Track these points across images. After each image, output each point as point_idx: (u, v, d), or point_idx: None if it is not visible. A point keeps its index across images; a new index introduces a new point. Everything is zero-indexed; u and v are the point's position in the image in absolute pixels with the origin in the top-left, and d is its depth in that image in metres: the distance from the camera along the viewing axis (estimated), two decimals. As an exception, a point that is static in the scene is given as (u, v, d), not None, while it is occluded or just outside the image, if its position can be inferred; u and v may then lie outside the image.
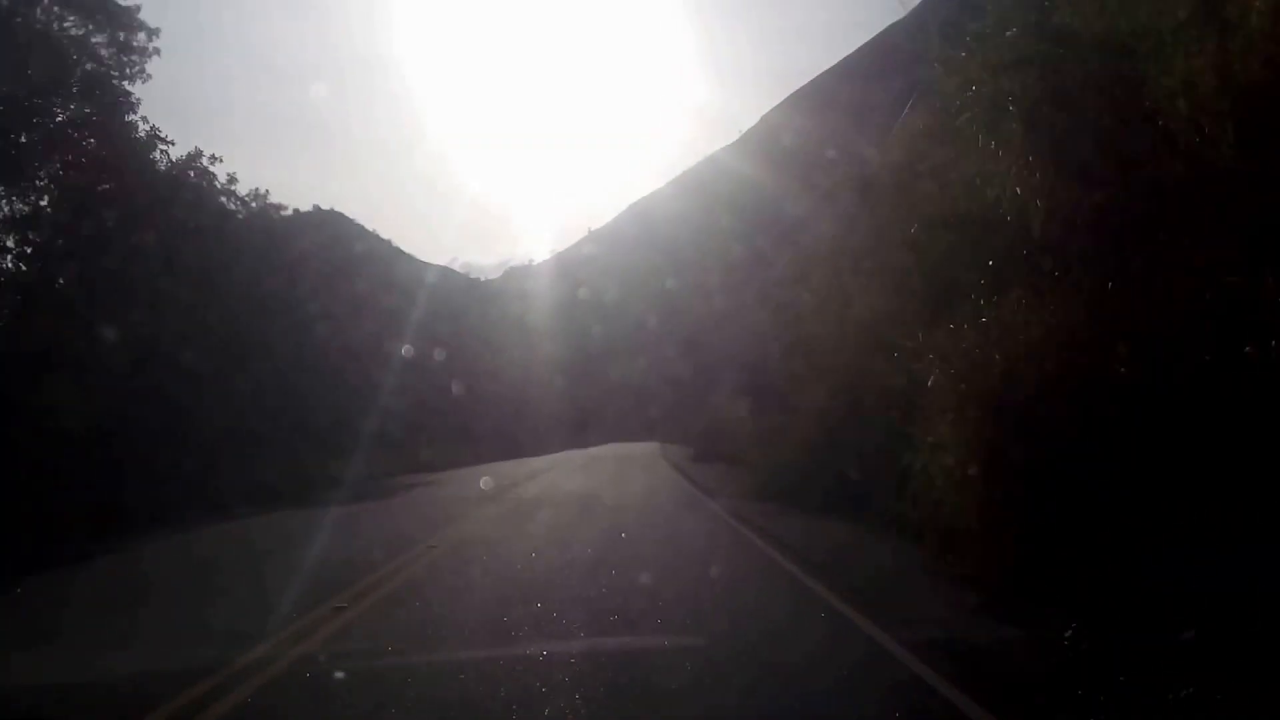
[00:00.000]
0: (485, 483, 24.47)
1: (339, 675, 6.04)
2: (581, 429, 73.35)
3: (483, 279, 76.43)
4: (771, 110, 79.92)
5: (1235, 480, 5.94)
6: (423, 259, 63.45)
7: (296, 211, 48.27)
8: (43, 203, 21.43)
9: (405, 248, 62.51)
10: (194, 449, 21.92)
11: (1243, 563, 5.46)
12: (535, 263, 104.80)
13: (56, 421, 19.47)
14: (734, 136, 78.67)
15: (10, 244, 20.99)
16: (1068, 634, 5.86)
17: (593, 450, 52.65)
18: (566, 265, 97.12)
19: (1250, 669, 4.83)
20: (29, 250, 21.14)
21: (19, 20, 20.73)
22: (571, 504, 18.18)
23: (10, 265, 21.35)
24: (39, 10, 21.23)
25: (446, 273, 63.02)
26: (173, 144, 24.53)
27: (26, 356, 19.53)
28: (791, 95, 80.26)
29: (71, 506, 17.05)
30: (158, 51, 23.24)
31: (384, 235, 58.85)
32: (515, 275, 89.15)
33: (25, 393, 19.18)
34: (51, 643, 7.60)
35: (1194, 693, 4.61)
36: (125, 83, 22.73)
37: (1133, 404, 6.70)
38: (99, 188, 20.88)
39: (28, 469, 18.22)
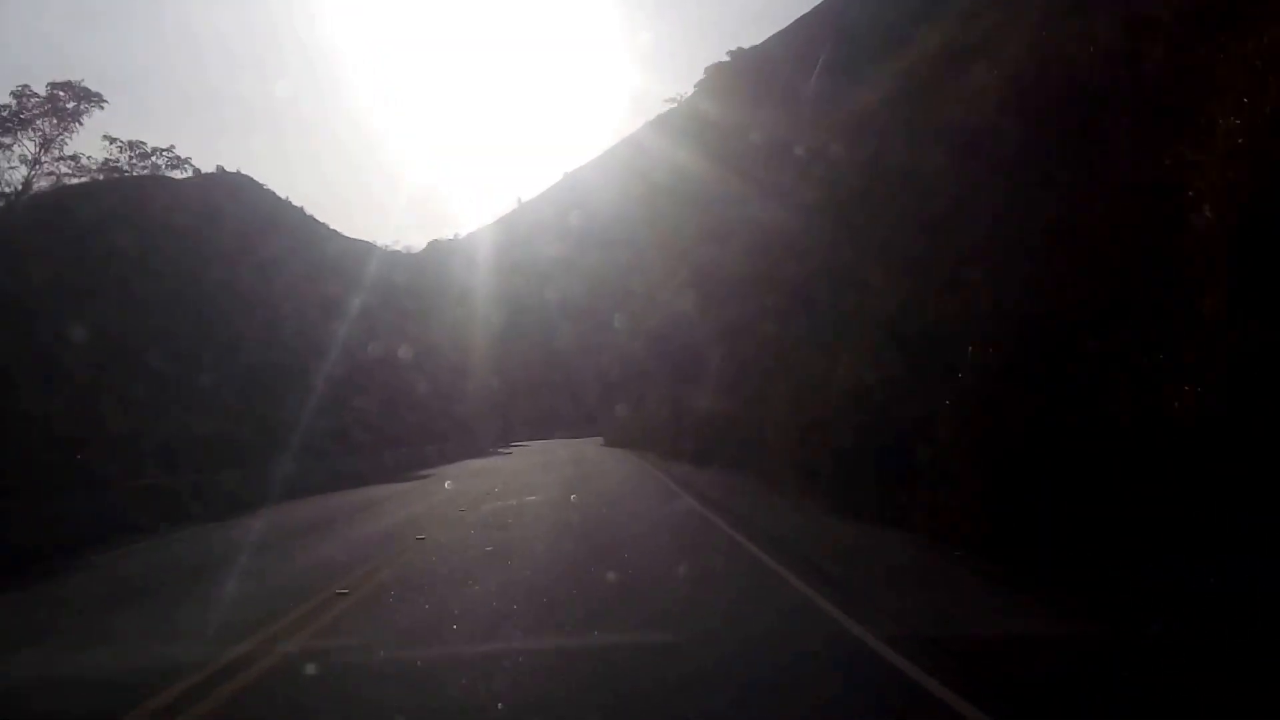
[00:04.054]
0: None
1: None
2: (512, 422, 73.53)
3: (404, 251, 73.96)
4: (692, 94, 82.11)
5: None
6: (348, 236, 62.33)
7: (198, 172, 47.10)
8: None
9: (338, 228, 61.19)
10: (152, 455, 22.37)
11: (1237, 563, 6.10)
12: (461, 236, 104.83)
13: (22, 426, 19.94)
14: (660, 110, 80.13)
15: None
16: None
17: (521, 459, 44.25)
18: (496, 236, 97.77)
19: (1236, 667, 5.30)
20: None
21: None
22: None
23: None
24: None
25: (359, 246, 60.73)
26: None
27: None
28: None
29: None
30: None
31: (296, 203, 57.53)
32: (440, 249, 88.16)
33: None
34: None
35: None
36: None
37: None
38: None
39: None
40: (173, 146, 27.64)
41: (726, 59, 53.63)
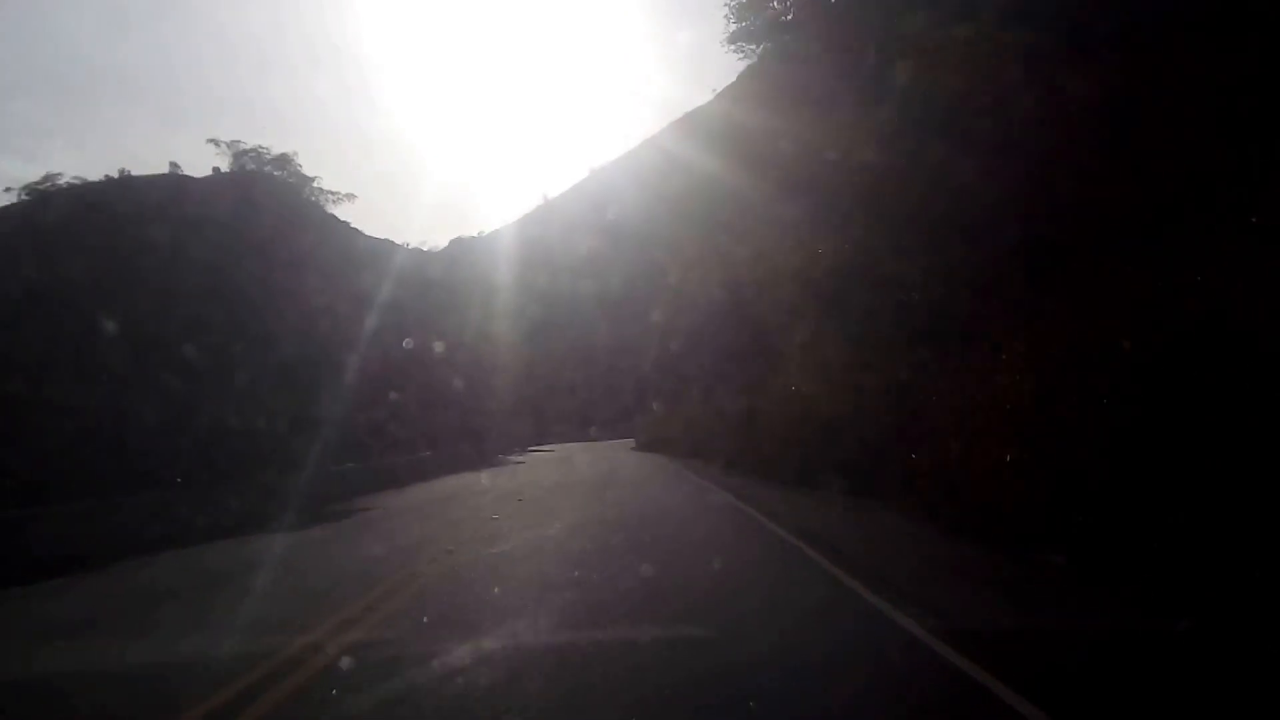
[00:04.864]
0: None
1: None
2: (546, 420, 73.51)
3: (425, 248, 73.81)
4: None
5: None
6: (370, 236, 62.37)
7: (216, 170, 47.33)
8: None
9: (361, 226, 61.13)
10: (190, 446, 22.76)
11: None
12: (485, 234, 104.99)
13: (57, 420, 20.38)
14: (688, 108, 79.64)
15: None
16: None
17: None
18: (521, 234, 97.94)
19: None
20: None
21: None
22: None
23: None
24: None
25: (384, 245, 60.72)
26: None
27: (28, 352, 20.41)
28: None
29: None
30: None
31: (324, 206, 57.75)
32: (463, 247, 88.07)
33: (27, 389, 20.04)
34: None
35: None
36: None
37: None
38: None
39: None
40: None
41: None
